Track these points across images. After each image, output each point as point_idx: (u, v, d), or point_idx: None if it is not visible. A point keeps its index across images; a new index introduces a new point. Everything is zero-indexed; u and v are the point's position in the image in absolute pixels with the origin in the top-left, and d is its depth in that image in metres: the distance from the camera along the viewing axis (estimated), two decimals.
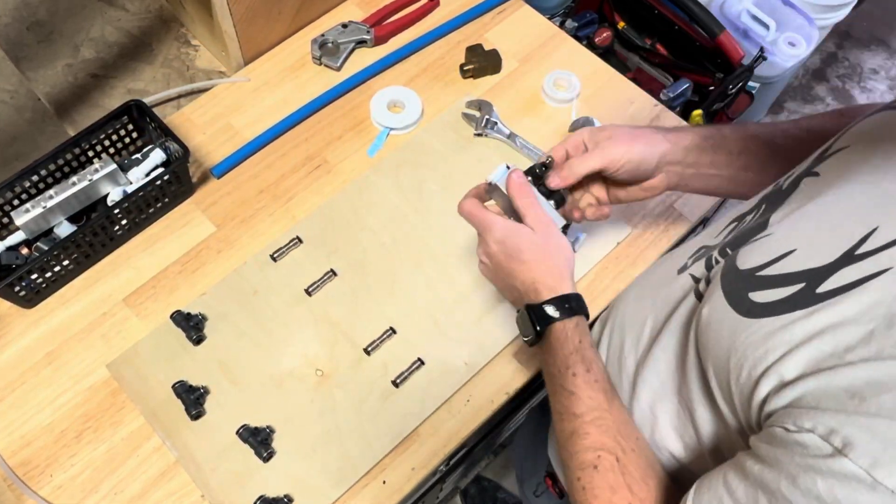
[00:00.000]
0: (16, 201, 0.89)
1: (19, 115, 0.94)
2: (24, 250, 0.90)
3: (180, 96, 1.06)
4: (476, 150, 1.00)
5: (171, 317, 0.87)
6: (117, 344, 0.87)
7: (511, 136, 1.00)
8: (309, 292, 0.89)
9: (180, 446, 0.81)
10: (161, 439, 0.82)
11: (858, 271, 0.42)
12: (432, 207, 0.96)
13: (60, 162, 0.90)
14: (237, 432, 0.81)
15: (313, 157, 1.00)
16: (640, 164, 0.69)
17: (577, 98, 1.05)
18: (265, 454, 0.79)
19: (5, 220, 0.90)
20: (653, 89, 1.27)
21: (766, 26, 1.58)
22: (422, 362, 0.85)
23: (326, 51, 1.07)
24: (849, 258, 0.43)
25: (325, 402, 0.83)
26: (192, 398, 0.82)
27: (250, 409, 0.83)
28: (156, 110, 1.02)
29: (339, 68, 1.07)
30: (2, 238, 0.90)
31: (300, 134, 1.02)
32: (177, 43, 1.12)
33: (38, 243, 0.89)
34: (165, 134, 0.92)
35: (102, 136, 0.93)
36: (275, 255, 0.92)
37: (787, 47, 1.59)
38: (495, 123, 1.00)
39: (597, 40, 1.52)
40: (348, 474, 0.79)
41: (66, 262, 0.88)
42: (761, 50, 1.47)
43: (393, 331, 0.87)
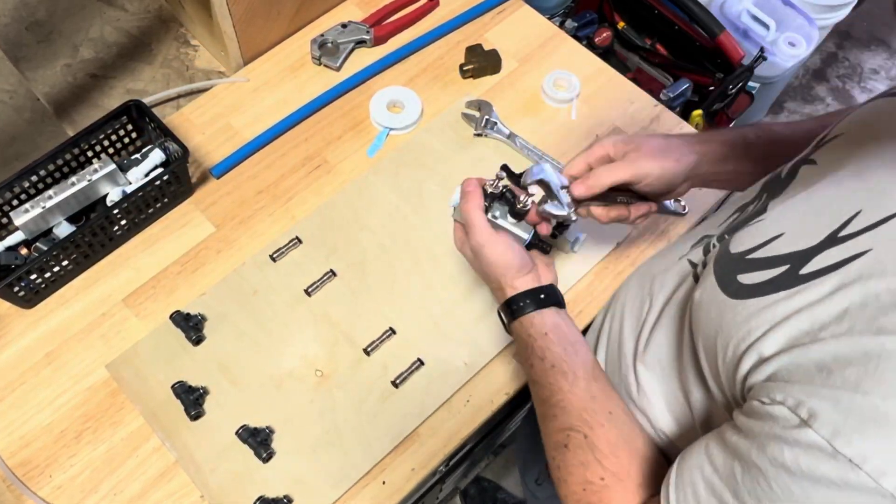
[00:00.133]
0: (15, 201, 0.89)
1: (18, 116, 0.94)
2: (24, 250, 0.90)
3: (179, 96, 1.06)
4: (476, 150, 1.00)
5: (171, 317, 0.87)
6: (117, 344, 0.87)
7: (511, 136, 1.00)
8: (308, 293, 0.89)
9: (180, 447, 0.81)
10: (160, 440, 0.82)
11: (839, 253, 0.43)
12: (432, 208, 0.95)
13: (60, 162, 0.90)
14: (237, 433, 0.81)
15: (313, 158, 1.00)
16: (671, 182, 0.69)
17: (577, 98, 1.05)
18: (265, 455, 0.79)
19: (4, 220, 0.90)
20: (653, 89, 1.27)
21: (766, 26, 1.58)
22: (421, 362, 0.85)
23: (326, 51, 1.07)
24: (831, 241, 0.44)
25: (324, 403, 0.83)
26: (192, 398, 0.82)
27: (250, 410, 0.83)
28: (155, 110, 1.02)
29: (338, 68, 1.07)
30: (1, 238, 0.90)
31: (300, 134, 1.02)
32: (176, 43, 1.12)
33: (38, 244, 0.89)
34: (165, 134, 0.92)
35: (102, 137, 0.93)
36: (274, 256, 0.91)
37: (787, 47, 1.59)
38: (495, 123, 1.00)
39: (597, 40, 1.52)
40: (348, 475, 0.79)
41: (65, 263, 0.88)
42: (761, 50, 1.47)
43: (392, 331, 0.87)
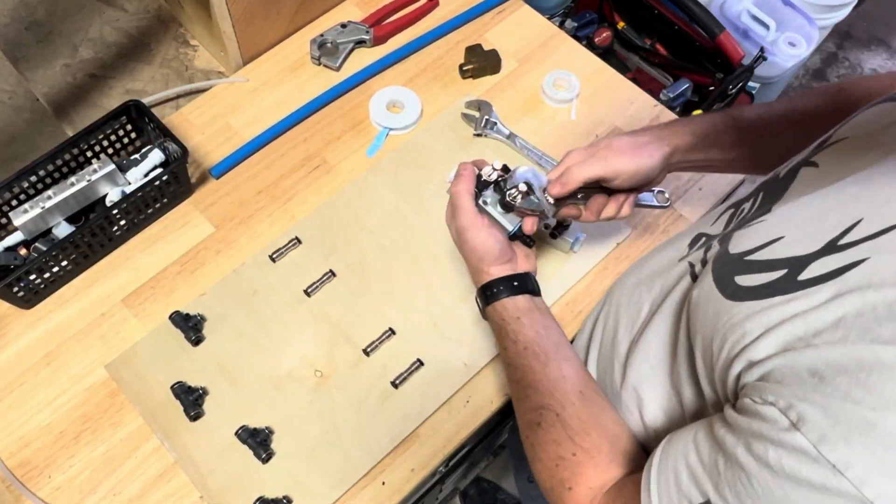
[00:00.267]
0: (14, 202, 0.89)
1: (17, 116, 0.94)
2: (23, 251, 0.90)
3: (179, 96, 1.06)
4: (475, 150, 1.00)
5: (170, 317, 0.86)
6: (116, 345, 0.87)
7: (510, 136, 1.00)
8: (308, 293, 0.89)
9: (179, 447, 0.81)
10: (160, 440, 0.81)
11: (837, 261, 0.43)
12: (431, 208, 0.95)
13: (59, 162, 0.90)
14: (236, 433, 0.80)
15: (312, 158, 1.00)
16: (647, 175, 0.72)
17: (577, 98, 1.05)
18: (264, 455, 0.79)
19: (3, 220, 0.89)
20: (652, 89, 1.27)
21: (766, 26, 1.58)
22: (421, 363, 0.85)
23: (325, 51, 1.07)
24: (830, 248, 0.44)
25: (324, 403, 0.83)
26: (191, 399, 0.82)
27: (249, 410, 0.83)
28: (154, 110, 1.02)
29: (338, 68, 1.07)
30: (0, 239, 0.90)
31: (299, 134, 1.02)
32: (175, 43, 1.11)
33: (37, 244, 0.89)
34: (164, 134, 0.92)
35: (101, 137, 0.93)
36: (274, 256, 0.91)
37: (787, 47, 1.59)
38: (495, 124, 1.00)
39: (596, 40, 1.52)
40: (347, 475, 0.79)
41: (64, 263, 0.88)
42: (761, 50, 1.47)
43: (392, 331, 0.87)
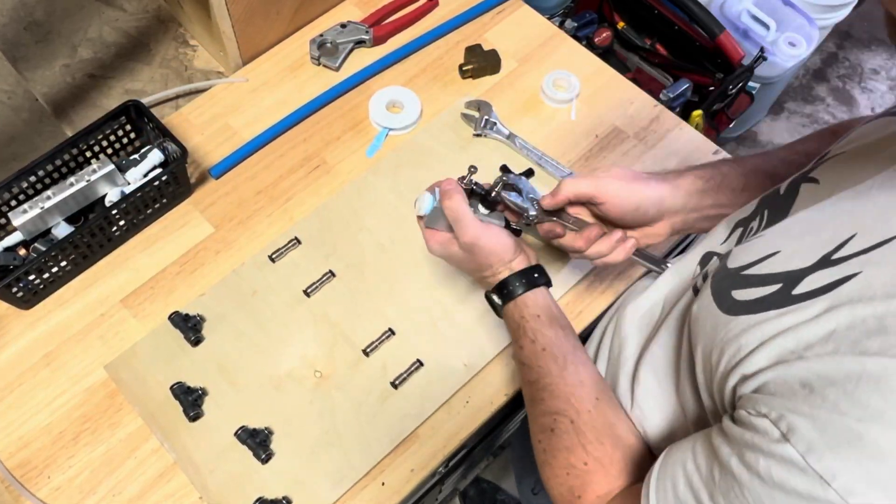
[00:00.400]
0: (13, 202, 0.89)
1: (17, 116, 0.93)
2: (22, 251, 0.90)
3: (178, 97, 1.06)
4: (475, 150, 1.00)
5: (169, 318, 0.86)
6: (115, 345, 0.87)
7: (510, 136, 1.00)
8: (307, 293, 0.89)
9: (178, 448, 0.81)
10: (159, 441, 0.81)
11: (830, 275, 0.44)
12: None
13: (58, 162, 0.90)
14: (235, 434, 0.80)
15: (312, 158, 1.00)
16: (638, 208, 0.69)
17: (577, 98, 1.05)
18: (264, 456, 0.79)
19: (3, 220, 0.89)
20: (652, 89, 1.27)
21: (767, 26, 1.58)
22: (421, 363, 0.85)
23: (325, 51, 1.07)
24: (824, 262, 0.45)
25: (323, 404, 0.83)
26: (191, 399, 0.82)
27: (249, 411, 0.82)
28: (154, 111, 1.02)
29: (337, 68, 1.07)
30: None
31: (298, 134, 1.02)
32: (175, 43, 1.11)
33: (36, 244, 0.89)
34: (163, 134, 0.92)
35: (100, 137, 0.92)
36: (273, 256, 0.91)
37: (787, 47, 1.59)
38: (494, 124, 1.00)
39: (596, 40, 1.52)
40: (347, 476, 0.79)
41: (63, 263, 0.88)
42: (761, 50, 1.47)
43: (392, 332, 0.87)
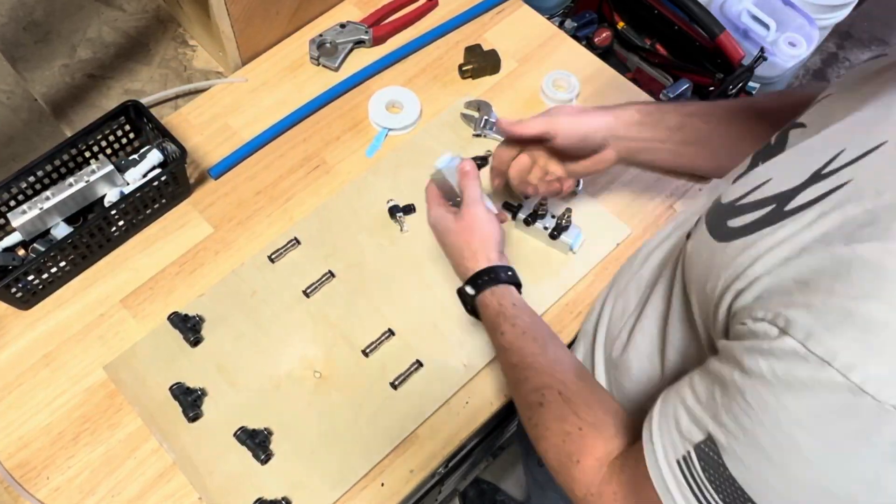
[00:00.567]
0: (12, 202, 0.89)
1: (16, 116, 0.93)
2: (21, 252, 0.90)
3: (178, 97, 1.06)
4: (475, 150, 1.00)
5: (169, 318, 0.86)
6: (115, 345, 0.87)
7: None
8: (307, 294, 0.89)
9: (178, 448, 0.81)
10: (158, 441, 0.81)
11: (822, 187, 0.44)
12: None
13: (57, 163, 0.90)
14: (235, 434, 0.80)
15: (311, 158, 1.00)
16: (586, 136, 0.76)
17: (577, 98, 1.04)
18: (263, 456, 0.79)
19: (2, 221, 0.89)
20: (653, 89, 1.27)
21: (767, 26, 1.58)
22: (420, 364, 0.85)
23: (324, 51, 1.07)
24: (815, 178, 0.45)
25: (323, 404, 0.83)
26: (190, 400, 0.81)
27: (248, 411, 0.82)
28: (153, 111, 1.02)
29: (337, 68, 1.07)
30: None
31: (298, 135, 1.02)
32: (174, 43, 1.11)
33: (35, 245, 0.89)
34: (163, 134, 0.91)
35: (99, 137, 0.92)
36: (273, 257, 0.91)
37: (787, 47, 1.59)
38: (494, 124, 1.00)
39: (596, 40, 1.51)
40: (346, 476, 0.79)
41: (62, 264, 0.88)
42: (761, 50, 1.47)
43: (391, 332, 0.87)
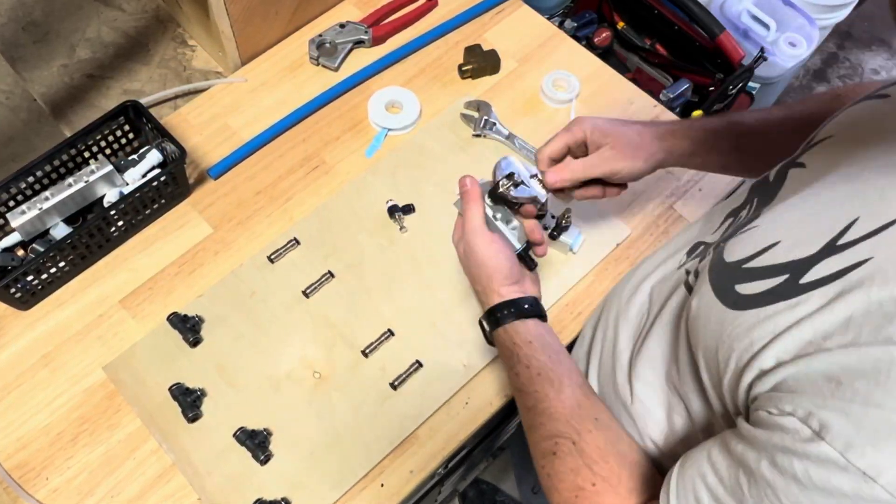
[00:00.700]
0: (11, 203, 0.88)
1: (15, 116, 0.93)
2: (20, 252, 0.90)
3: (177, 97, 1.06)
4: (474, 150, 1.00)
5: (168, 319, 0.86)
6: (114, 346, 0.87)
7: (510, 136, 1.00)
8: (306, 294, 0.89)
9: (177, 449, 0.81)
10: (158, 442, 0.81)
11: (839, 262, 0.43)
12: (430, 209, 0.95)
13: (56, 163, 0.90)
14: (234, 435, 0.80)
15: (311, 158, 1.00)
16: (637, 177, 0.75)
17: (577, 98, 1.04)
18: (262, 457, 0.79)
19: (1, 221, 0.89)
20: (652, 90, 1.27)
21: (767, 26, 1.58)
22: (420, 364, 0.85)
23: (324, 51, 1.07)
24: (830, 249, 0.44)
25: (322, 405, 0.83)
26: (189, 400, 0.81)
27: (247, 412, 0.82)
28: (152, 111, 1.02)
29: (336, 69, 1.06)
30: None
31: (298, 135, 1.02)
32: (173, 43, 1.11)
33: (34, 245, 0.89)
34: (162, 135, 0.91)
35: (99, 137, 0.92)
36: (272, 257, 0.91)
37: (787, 47, 1.59)
38: (494, 124, 1.00)
39: (596, 40, 1.51)
40: (346, 477, 0.79)
41: (62, 264, 0.87)
42: (762, 50, 1.47)
43: (391, 333, 0.87)
